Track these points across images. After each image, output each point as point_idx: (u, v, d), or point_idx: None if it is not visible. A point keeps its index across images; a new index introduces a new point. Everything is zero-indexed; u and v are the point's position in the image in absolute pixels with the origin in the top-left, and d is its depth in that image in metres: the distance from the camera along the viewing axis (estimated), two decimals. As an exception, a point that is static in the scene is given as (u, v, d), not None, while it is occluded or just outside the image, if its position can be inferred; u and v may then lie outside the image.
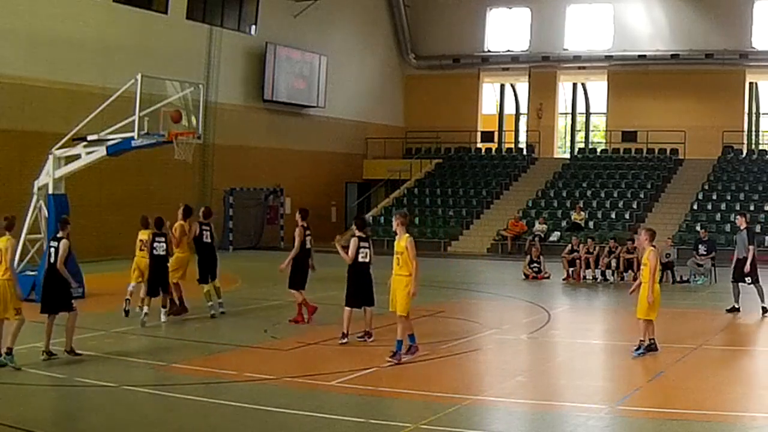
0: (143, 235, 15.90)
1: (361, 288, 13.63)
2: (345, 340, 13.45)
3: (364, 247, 13.65)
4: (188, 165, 29.50)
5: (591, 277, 23.06)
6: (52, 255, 12.50)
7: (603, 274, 23.14)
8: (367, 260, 13.72)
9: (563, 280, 23.05)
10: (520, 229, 31.79)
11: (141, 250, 15.83)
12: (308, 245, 15.63)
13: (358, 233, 13.72)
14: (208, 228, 16.29)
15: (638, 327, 12.87)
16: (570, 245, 23.82)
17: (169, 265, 15.31)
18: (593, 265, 23.13)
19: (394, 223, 12.58)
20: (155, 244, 15.07)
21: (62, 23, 25.91)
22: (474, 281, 24.00)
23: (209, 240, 16.28)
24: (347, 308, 13.56)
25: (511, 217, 32.42)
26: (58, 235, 12.71)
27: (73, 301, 12.59)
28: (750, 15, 36.01)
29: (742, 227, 17.38)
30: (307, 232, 15.64)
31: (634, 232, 23.38)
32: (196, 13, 30.98)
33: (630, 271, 22.76)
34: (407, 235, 12.45)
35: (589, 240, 24.19)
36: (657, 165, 36.30)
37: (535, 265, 23.75)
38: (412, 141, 41.13)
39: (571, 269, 23.22)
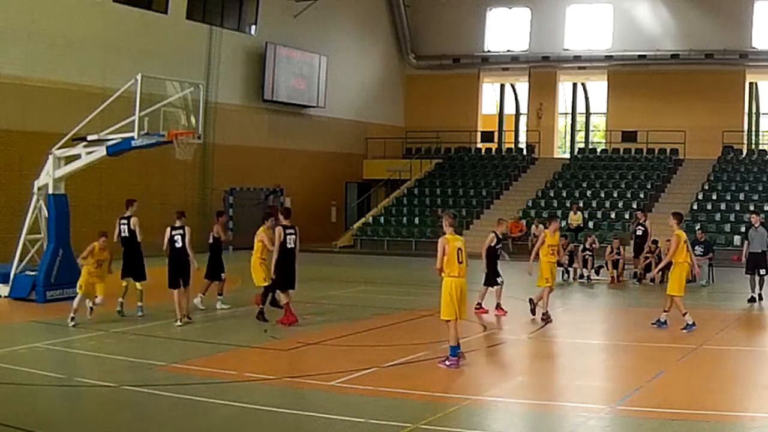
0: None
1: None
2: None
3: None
4: (188, 165, 29.54)
5: (586, 276, 23.27)
6: (179, 240, 15.09)
7: (598, 271, 23.39)
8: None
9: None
10: (521, 229, 31.79)
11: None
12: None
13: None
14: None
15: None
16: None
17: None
18: (590, 264, 23.29)
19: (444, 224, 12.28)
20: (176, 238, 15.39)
21: (62, 23, 25.92)
22: (474, 281, 23.88)
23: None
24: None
25: (512, 218, 32.40)
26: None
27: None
28: (750, 15, 36.02)
29: (757, 225, 19.02)
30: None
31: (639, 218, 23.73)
32: (196, 13, 31.00)
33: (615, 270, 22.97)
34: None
35: (588, 238, 24.40)
36: (657, 165, 36.30)
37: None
38: (412, 141, 41.13)
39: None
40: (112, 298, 15.63)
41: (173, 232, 15.23)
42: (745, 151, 36.54)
